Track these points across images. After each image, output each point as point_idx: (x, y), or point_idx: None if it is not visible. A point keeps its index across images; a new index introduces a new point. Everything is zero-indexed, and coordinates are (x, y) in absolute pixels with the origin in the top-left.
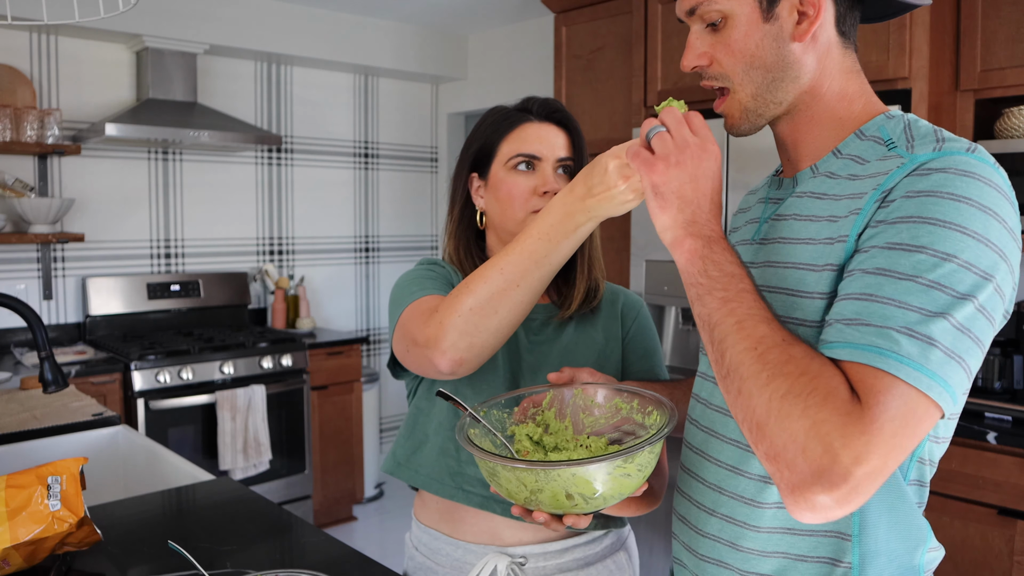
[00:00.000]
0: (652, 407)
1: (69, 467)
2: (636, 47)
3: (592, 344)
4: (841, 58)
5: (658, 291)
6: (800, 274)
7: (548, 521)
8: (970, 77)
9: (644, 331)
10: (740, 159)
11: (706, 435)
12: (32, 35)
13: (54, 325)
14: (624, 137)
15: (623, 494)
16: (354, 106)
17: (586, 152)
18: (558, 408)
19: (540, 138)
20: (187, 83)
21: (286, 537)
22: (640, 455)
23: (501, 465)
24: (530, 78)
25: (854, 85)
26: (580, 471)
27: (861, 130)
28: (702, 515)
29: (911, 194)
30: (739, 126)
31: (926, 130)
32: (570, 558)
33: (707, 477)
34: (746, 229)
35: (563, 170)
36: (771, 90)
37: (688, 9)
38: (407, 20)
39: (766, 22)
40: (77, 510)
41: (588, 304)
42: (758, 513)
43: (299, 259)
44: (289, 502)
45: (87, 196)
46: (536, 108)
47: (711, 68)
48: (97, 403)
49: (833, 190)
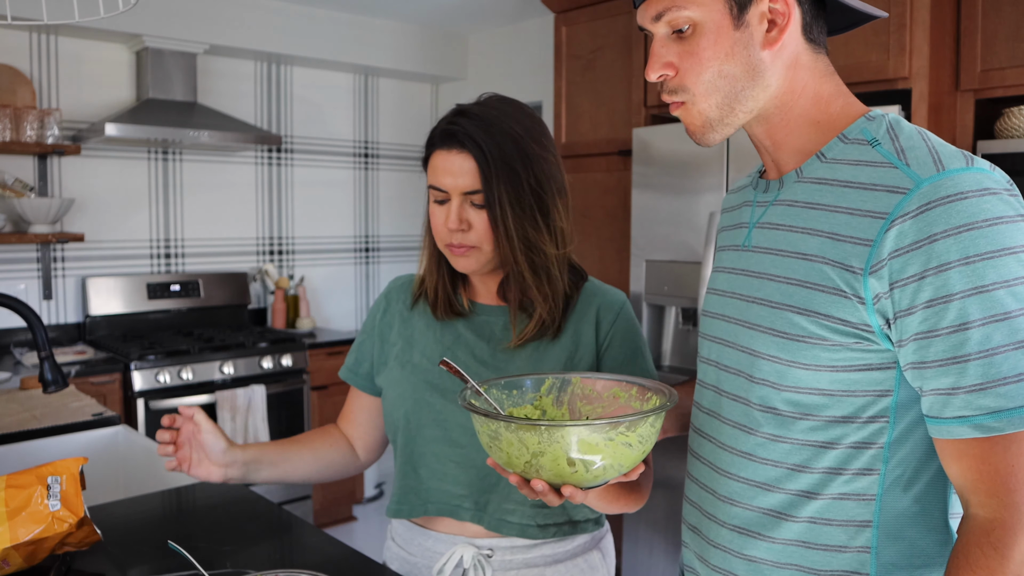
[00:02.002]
0: (652, 394)
1: (69, 467)
2: (636, 47)
3: (560, 350)
4: (812, 63)
5: (658, 291)
6: (794, 290)
7: (545, 491)
8: (970, 77)
9: (625, 334)
10: (740, 159)
11: (714, 447)
12: (32, 35)
13: (54, 325)
14: (624, 137)
15: (623, 467)
16: (354, 106)
17: (511, 171)
18: (556, 396)
19: (445, 170)
20: (187, 83)
21: (286, 537)
22: (642, 426)
23: (504, 425)
24: (530, 78)
25: (828, 87)
26: (583, 431)
27: (844, 133)
28: (713, 526)
29: (948, 233)
30: (703, 135)
31: (911, 134)
32: (538, 554)
33: (719, 490)
34: (735, 233)
35: (476, 204)
36: (740, 99)
37: (654, 15)
38: (407, 20)
39: (736, 30)
40: (77, 510)
41: (524, 336)
42: (774, 523)
43: (299, 259)
44: (289, 502)
45: (87, 196)
46: (437, 134)
47: (673, 80)
48: (97, 403)
49: (826, 199)
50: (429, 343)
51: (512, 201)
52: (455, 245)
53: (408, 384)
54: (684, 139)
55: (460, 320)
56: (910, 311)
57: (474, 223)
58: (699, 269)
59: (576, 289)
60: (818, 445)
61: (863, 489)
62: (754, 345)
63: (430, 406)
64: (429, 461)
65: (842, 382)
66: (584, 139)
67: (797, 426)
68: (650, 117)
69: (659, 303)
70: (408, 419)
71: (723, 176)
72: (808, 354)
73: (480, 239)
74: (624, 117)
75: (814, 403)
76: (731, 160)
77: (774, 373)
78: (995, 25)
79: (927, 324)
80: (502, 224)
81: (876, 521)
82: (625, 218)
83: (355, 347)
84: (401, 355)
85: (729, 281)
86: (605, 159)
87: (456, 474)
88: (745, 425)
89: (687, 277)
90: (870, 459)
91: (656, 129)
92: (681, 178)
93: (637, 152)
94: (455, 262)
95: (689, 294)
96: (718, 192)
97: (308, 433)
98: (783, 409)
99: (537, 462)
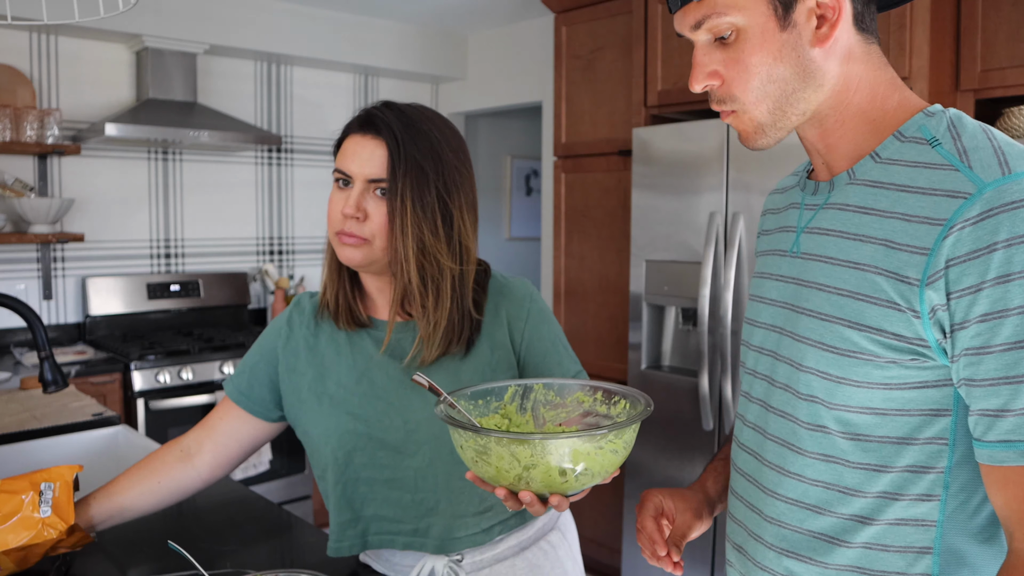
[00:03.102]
0: (619, 397)
1: (63, 474)
2: (636, 47)
3: (477, 359)
4: (865, 57)
5: (658, 291)
6: (845, 302)
7: (532, 502)
8: (970, 77)
9: (538, 329)
10: (740, 159)
11: (759, 464)
12: (32, 35)
13: (54, 325)
14: (624, 137)
15: (607, 471)
16: (354, 106)
17: (420, 169)
18: (519, 403)
19: (354, 154)
20: (187, 83)
21: (286, 537)
22: (627, 432)
23: (495, 440)
24: (530, 78)
25: (884, 82)
26: (576, 442)
27: (900, 131)
28: (759, 547)
29: (1012, 242)
30: (756, 141)
31: (974, 132)
32: (504, 547)
33: (764, 510)
34: (781, 237)
35: (380, 192)
36: (791, 102)
37: (693, 23)
38: (407, 20)
39: (783, 31)
40: (68, 517)
41: (424, 357)
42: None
43: (299, 259)
44: (289, 502)
45: (87, 196)
46: (358, 119)
47: (720, 89)
48: (97, 403)
49: (880, 203)
50: (342, 371)
51: (415, 198)
52: (346, 233)
53: (330, 419)
54: (684, 139)
55: (368, 340)
56: (964, 324)
57: (372, 213)
58: (699, 269)
59: (483, 291)
60: (871, 468)
61: (923, 515)
62: (802, 359)
63: (355, 437)
64: (362, 492)
65: (895, 400)
66: (584, 139)
67: (848, 446)
68: (650, 117)
69: (659, 303)
70: (336, 455)
71: (723, 176)
72: (859, 371)
73: (374, 232)
74: (624, 117)
75: (865, 422)
76: (731, 160)
77: (823, 390)
78: (995, 25)
79: (980, 339)
80: (399, 218)
81: (937, 548)
82: (625, 218)
83: (246, 368)
84: (315, 386)
85: (778, 290)
86: (605, 159)
87: (391, 500)
88: (792, 444)
89: (687, 277)
90: (929, 484)
91: (656, 129)
92: (681, 178)
93: (637, 152)
94: (341, 252)
95: (689, 294)
96: (718, 192)
97: (130, 473)
98: (833, 428)
99: (528, 475)
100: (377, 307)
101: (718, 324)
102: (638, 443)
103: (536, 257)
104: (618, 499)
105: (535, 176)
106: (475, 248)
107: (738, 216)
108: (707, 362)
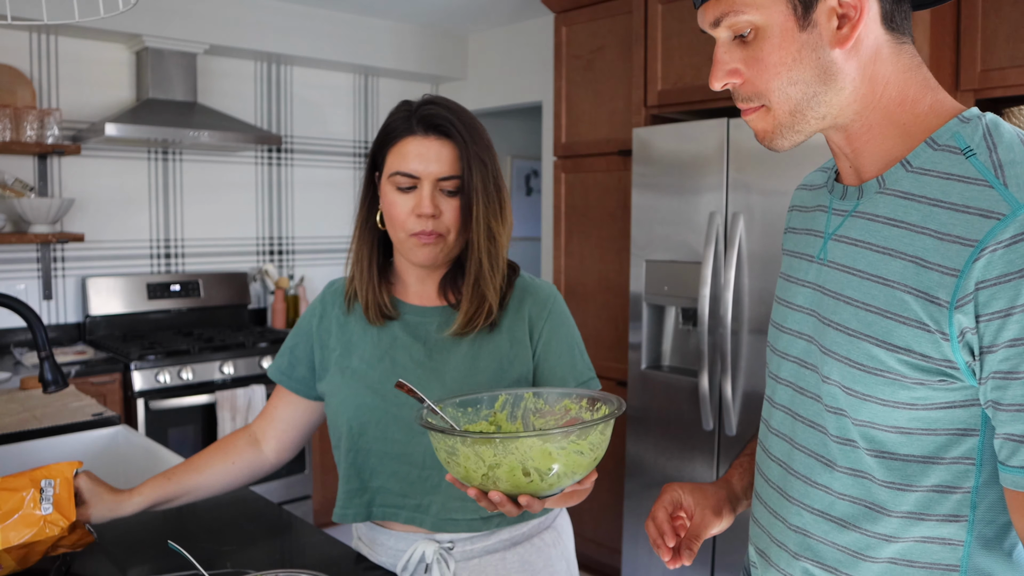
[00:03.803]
0: (601, 403)
1: (63, 471)
2: (636, 47)
3: (495, 349)
4: (895, 57)
5: (658, 291)
6: (873, 319)
7: (503, 502)
8: (970, 77)
9: (557, 330)
10: (739, 159)
11: (784, 472)
12: (32, 35)
13: (54, 325)
14: (624, 137)
15: (576, 474)
16: (354, 106)
17: (483, 162)
18: (510, 411)
19: (419, 155)
20: (187, 83)
21: (286, 537)
22: (592, 433)
23: (460, 440)
24: (530, 78)
25: (915, 84)
26: (536, 442)
27: (933, 138)
28: (784, 555)
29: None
30: (774, 141)
31: (1011, 142)
32: (496, 540)
33: (789, 519)
34: (808, 240)
35: (447, 191)
36: (812, 105)
37: (713, 20)
38: (407, 20)
39: (802, 31)
40: (69, 514)
41: (474, 324)
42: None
43: (299, 259)
44: (289, 502)
45: (87, 196)
46: (417, 120)
47: (743, 87)
48: (97, 403)
49: (910, 216)
50: (367, 347)
51: (483, 190)
52: (425, 232)
53: (349, 390)
54: (684, 139)
55: (396, 322)
56: (992, 348)
57: (444, 210)
58: (699, 269)
59: (510, 286)
60: (897, 487)
61: (950, 535)
62: (829, 372)
63: (371, 410)
64: (372, 464)
65: (922, 420)
66: (584, 139)
67: (874, 463)
68: (650, 117)
69: (659, 303)
70: (350, 424)
71: (723, 176)
72: (886, 389)
73: (448, 227)
74: (624, 117)
75: (891, 440)
76: (731, 160)
77: (848, 405)
78: (995, 25)
79: (1008, 364)
80: (476, 211)
81: (964, 566)
82: (625, 218)
83: (287, 350)
84: (340, 361)
85: (806, 297)
86: (605, 159)
87: (398, 474)
88: (823, 456)
89: (687, 277)
90: (956, 504)
91: (656, 129)
92: (681, 178)
93: (637, 152)
94: (419, 252)
95: (689, 294)
96: (718, 192)
97: (206, 454)
98: (859, 443)
99: (494, 474)
100: (408, 292)
101: (718, 324)
102: (638, 443)
103: (536, 257)
104: (618, 499)
105: (535, 176)
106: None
107: (738, 216)
108: (707, 362)
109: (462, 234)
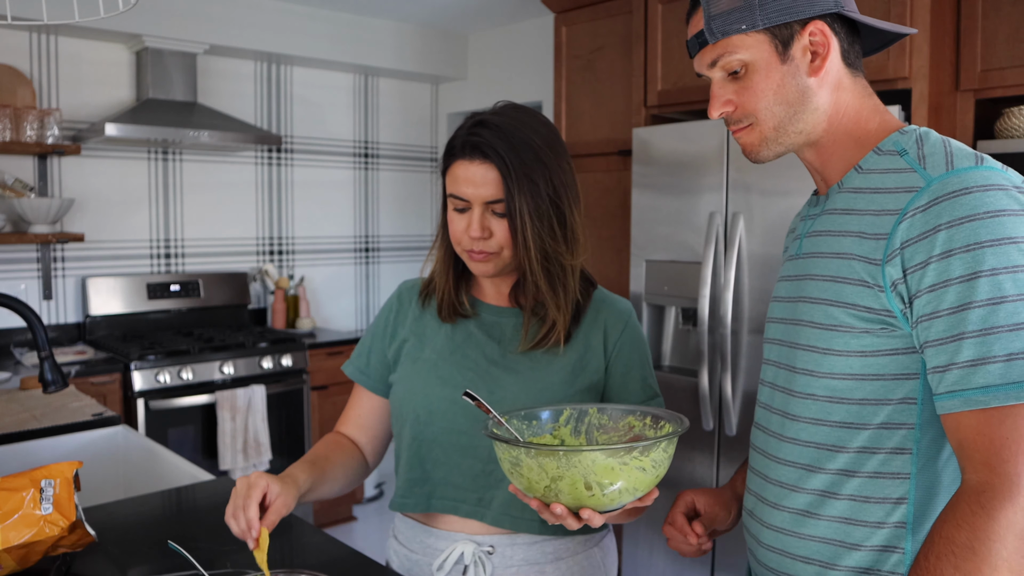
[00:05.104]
0: (665, 421)
1: (63, 471)
2: (636, 47)
3: (568, 357)
4: (852, 87)
5: (658, 291)
6: (829, 285)
7: (564, 515)
8: (970, 77)
9: (632, 345)
10: (739, 159)
11: (767, 436)
12: (32, 35)
13: (54, 325)
14: (624, 137)
15: (637, 490)
16: (354, 106)
17: (531, 182)
18: (574, 426)
19: (467, 179)
20: (187, 83)
21: (286, 537)
22: (655, 451)
23: (524, 451)
24: (530, 78)
25: (867, 107)
26: (599, 457)
27: (879, 147)
28: (767, 509)
29: (952, 224)
30: (759, 153)
31: (935, 142)
32: (538, 551)
33: (770, 474)
34: (792, 245)
35: (497, 213)
36: (793, 122)
37: (709, 62)
38: (407, 20)
39: (783, 63)
40: (69, 514)
41: (543, 344)
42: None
43: (299, 259)
44: None
45: (87, 196)
46: (459, 145)
47: (736, 113)
48: (97, 403)
49: (858, 204)
50: (440, 340)
51: (532, 211)
52: (476, 251)
53: (418, 378)
54: (684, 139)
55: (472, 320)
56: (917, 294)
57: (495, 231)
58: (699, 269)
59: (587, 297)
60: (852, 427)
61: (897, 468)
62: (797, 339)
63: (439, 399)
64: (436, 454)
65: (871, 366)
66: (584, 139)
67: (833, 409)
68: (650, 117)
69: (659, 303)
70: (417, 413)
71: (723, 176)
72: (840, 341)
73: (500, 246)
74: (624, 117)
75: (847, 387)
76: (731, 160)
77: (812, 362)
78: (995, 25)
79: (930, 307)
80: (521, 235)
81: (911, 498)
82: (625, 218)
83: (364, 348)
84: (412, 351)
85: (784, 287)
86: (605, 159)
87: (462, 467)
88: (789, 413)
89: (687, 277)
90: (901, 439)
91: (656, 129)
92: (681, 178)
93: (637, 152)
94: (474, 267)
95: (689, 294)
96: (718, 192)
97: (331, 449)
98: (820, 395)
99: (556, 486)
100: (485, 292)
101: (718, 324)
102: None
103: None
104: None
105: None
106: (583, 236)
107: (738, 216)
108: (707, 362)
109: (516, 253)
